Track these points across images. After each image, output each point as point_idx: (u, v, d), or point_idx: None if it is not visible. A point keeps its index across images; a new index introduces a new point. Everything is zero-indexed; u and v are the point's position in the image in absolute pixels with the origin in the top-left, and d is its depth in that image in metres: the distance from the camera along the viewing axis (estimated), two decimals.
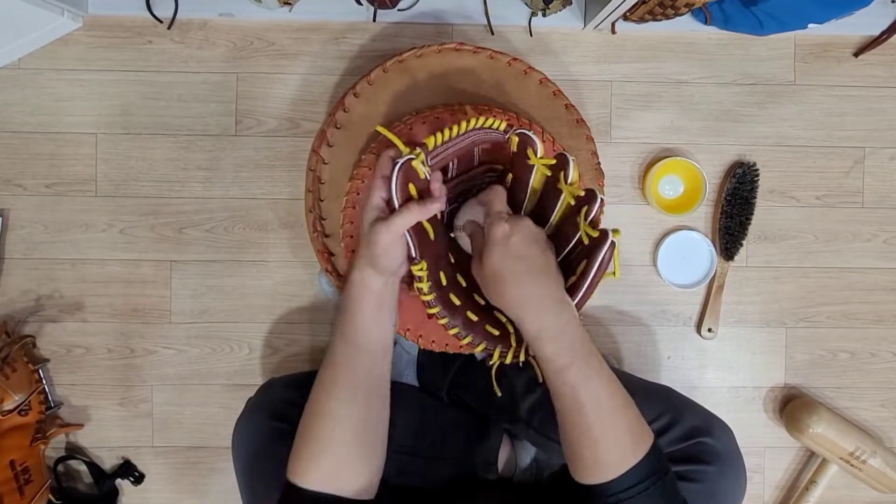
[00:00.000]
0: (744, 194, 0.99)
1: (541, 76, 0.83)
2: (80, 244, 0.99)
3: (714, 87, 1.03)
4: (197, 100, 0.99)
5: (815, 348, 1.05)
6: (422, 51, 0.80)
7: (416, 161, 0.58)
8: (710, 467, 0.73)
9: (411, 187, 0.60)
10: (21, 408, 0.93)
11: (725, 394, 1.05)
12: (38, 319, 1.00)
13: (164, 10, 0.96)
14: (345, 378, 0.63)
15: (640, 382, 0.85)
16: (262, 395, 0.83)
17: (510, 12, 0.98)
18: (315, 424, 0.63)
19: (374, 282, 0.62)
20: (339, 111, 0.80)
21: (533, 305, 0.60)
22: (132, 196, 1.00)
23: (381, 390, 0.65)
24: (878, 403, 1.05)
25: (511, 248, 0.61)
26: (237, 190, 1.00)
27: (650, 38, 1.02)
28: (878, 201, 1.04)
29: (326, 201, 0.80)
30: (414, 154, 0.58)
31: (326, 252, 0.82)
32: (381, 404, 0.65)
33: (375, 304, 0.63)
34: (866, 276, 1.04)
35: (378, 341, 0.64)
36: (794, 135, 1.03)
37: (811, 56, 1.03)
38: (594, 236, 0.59)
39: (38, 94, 0.98)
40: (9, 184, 0.99)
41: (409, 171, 0.59)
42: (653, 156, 1.02)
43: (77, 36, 0.98)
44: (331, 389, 0.63)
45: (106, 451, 1.01)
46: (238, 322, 1.01)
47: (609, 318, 1.03)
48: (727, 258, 1.01)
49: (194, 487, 1.02)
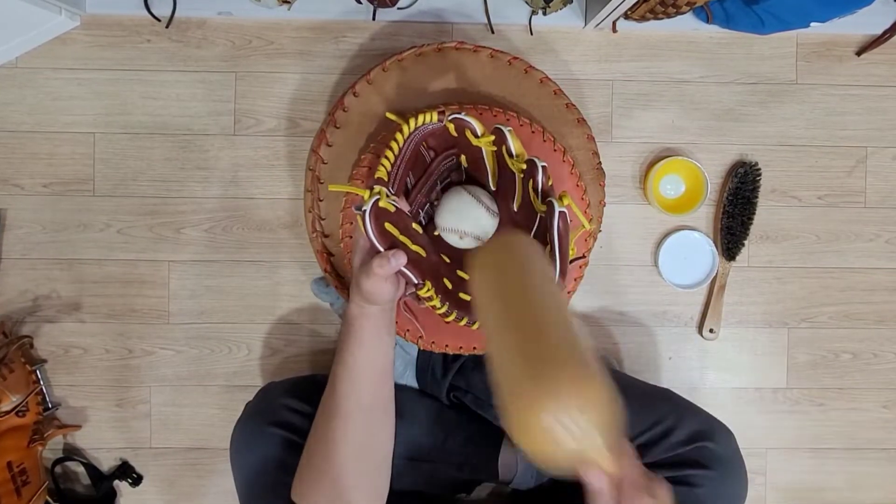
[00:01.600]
0: (745, 194, 0.99)
1: (541, 75, 0.82)
2: (77, 244, 0.99)
3: (716, 86, 1.02)
4: (195, 99, 0.99)
5: (817, 349, 1.04)
6: (422, 50, 0.80)
7: (381, 201, 0.57)
8: (712, 472, 0.73)
9: (388, 227, 0.59)
10: (18, 409, 0.92)
11: (727, 395, 1.04)
12: (35, 320, 0.99)
13: (163, 9, 0.96)
14: (345, 404, 0.64)
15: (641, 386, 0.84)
16: (261, 401, 0.82)
17: (510, 11, 0.98)
18: (316, 449, 0.64)
19: (371, 311, 0.63)
20: (339, 111, 0.79)
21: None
22: (130, 196, 0.99)
23: (382, 412, 0.66)
24: (881, 404, 1.05)
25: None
26: (236, 190, 1.00)
27: (651, 37, 1.01)
28: (880, 201, 1.03)
29: (326, 201, 0.80)
30: (376, 194, 0.57)
31: (325, 252, 0.82)
32: (382, 427, 0.66)
33: (374, 331, 0.63)
34: (868, 277, 1.04)
35: (378, 365, 0.65)
36: (796, 134, 1.03)
37: (813, 55, 1.02)
38: (542, 210, 0.56)
39: (36, 93, 0.98)
40: (6, 183, 0.98)
41: (378, 213, 0.57)
42: (654, 155, 1.02)
43: (75, 35, 0.98)
44: (331, 415, 0.64)
45: (104, 453, 1.01)
46: (236, 323, 1.01)
47: (609, 318, 1.03)
48: (729, 258, 1.01)
49: (192, 489, 1.01)
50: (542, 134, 0.76)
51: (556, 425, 0.37)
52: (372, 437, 0.65)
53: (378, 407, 0.65)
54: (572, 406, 0.37)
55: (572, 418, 0.37)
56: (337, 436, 0.63)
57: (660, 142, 1.02)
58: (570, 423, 0.37)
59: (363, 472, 0.64)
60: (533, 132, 0.76)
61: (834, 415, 1.04)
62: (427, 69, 0.80)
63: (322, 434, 0.65)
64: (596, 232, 0.84)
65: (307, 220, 0.84)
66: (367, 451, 0.64)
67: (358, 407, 0.63)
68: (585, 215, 0.78)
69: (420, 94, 0.80)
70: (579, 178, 0.78)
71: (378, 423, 0.65)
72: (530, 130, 0.76)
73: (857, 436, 1.05)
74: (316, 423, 0.66)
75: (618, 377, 0.90)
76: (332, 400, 0.65)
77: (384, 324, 0.64)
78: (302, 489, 0.63)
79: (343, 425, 0.63)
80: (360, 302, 0.62)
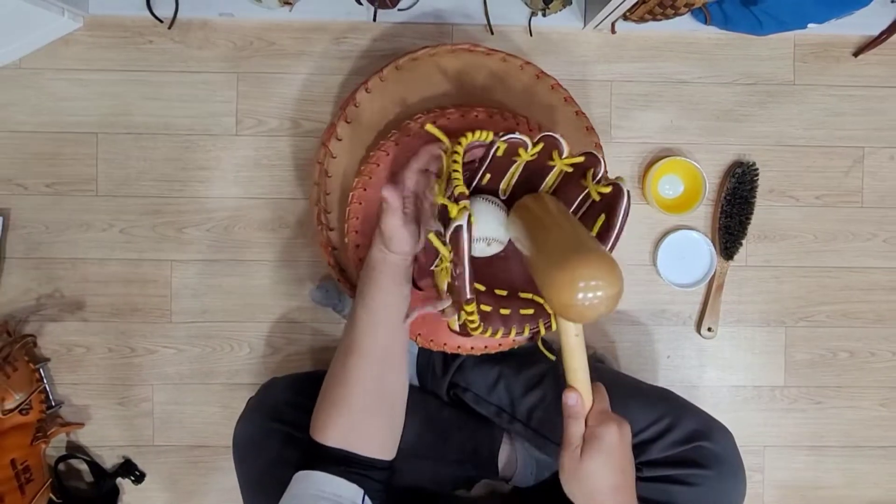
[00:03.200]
0: (743, 194, 0.99)
1: (553, 81, 0.83)
2: (80, 244, 1.00)
3: (714, 86, 1.03)
4: (197, 99, 0.99)
5: (814, 348, 1.05)
6: (435, 50, 0.80)
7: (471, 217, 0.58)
8: (709, 471, 0.73)
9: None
10: (22, 407, 0.93)
11: (725, 393, 1.05)
12: (38, 319, 1.00)
13: (165, 10, 0.96)
14: (363, 342, 0.67)
15: (639, 385, 0.85)
16: (263, 395, 0.83)
17: (510, 12, 0.98)
18: (333, 387, 0.67)
19: (391, 259, 0.67)
20: (350, 106, 0.80)
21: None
22: (133, 196, 1.00)
23: (396, 357, 0.68)
24: (878, 402, 1.05)
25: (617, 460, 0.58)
26: (238, 190, 1.00)
27: (650, 38, 1.02)
28: (877, 201, 1.04)
29: (332, 195, 0.80)
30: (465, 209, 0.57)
31: (330, 246, 0.82)
32: (396, 372, 0.68)
33: (393, 278, 0.67)
34: (866, 276, 1.04)
35: (394, 310, 0.68)
36: (794, 134, 1.03)
37: (811, 56, 1.03)
38: (606, 192, 0.61)
39: (39, 93, 0.99)
40: (10, 183, 0.99)
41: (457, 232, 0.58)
42: (653, 155, 1.02)
43: (77, 36, 0.98)
44: (347, 355, 0.67)
45: (107, 450, 1.01)
46: (238, 321, 1.01)
47: (608, 317, 1.03)
48: (727, 258, 1.02)
49: (195, 486, 1.02)
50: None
51: (587, 292, 0.49)
52: (385, 378, 0.67)
53: (393, 351, 0.68)
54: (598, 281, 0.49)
55: (597, 285, 0.49)
56: (353, 372, 0.66)
57: (658, 142, 1.02)
58: (595, 288, 0.49)
59: (377, 409, 0.66)
60: None
61: (831, 413, 1.05)
62: (439, 70, 0.81)
63: (339, 370, 0.67)
64: None
65: (313, 213, 0.84)
66: (382, 390, 0.67)
67: (375, 345, 0.66)
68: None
69: (431, 93, 0.80)
70: None
71: (392, 367, 0.68)
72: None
73: (855, 433, 1.05)
74: (334, 361, 0.68)
75: (616, 376, 0.91)
76: (350, 338, 0.67)
77: (402, 273, 0.68)
78: (318, 424, 0.65)
79: (359, 362, 0.66)
80: (381, 247, 0.67)
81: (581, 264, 0.50)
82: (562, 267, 0.50)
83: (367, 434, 0.65)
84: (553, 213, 0.61)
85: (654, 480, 0.74)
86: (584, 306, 0.49)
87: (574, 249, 0.52)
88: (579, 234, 0.56)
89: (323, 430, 0.64)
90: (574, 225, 0.58)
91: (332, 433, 0.64)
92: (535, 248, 0.58)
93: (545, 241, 0.57)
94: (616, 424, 0.57)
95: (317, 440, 0.64)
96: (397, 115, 0.79)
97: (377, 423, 0.66)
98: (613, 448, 0.57)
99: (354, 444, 0.64)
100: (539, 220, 0.61)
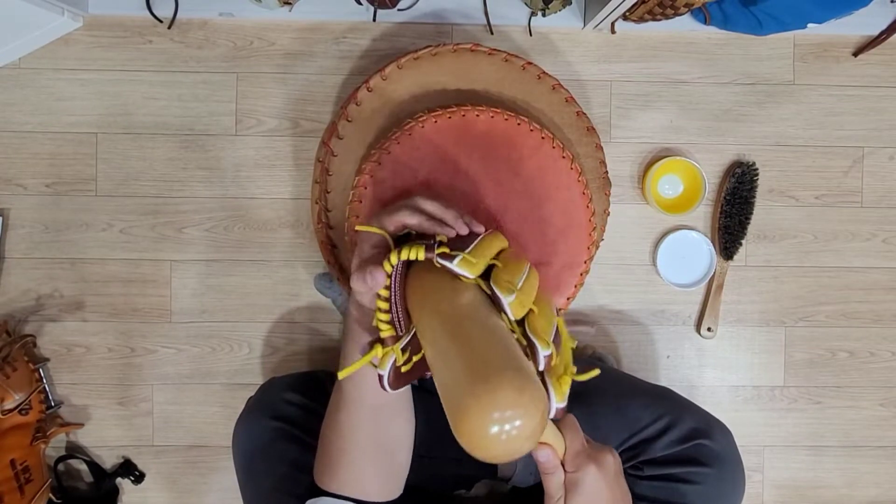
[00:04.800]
0: (743, 194, 1.00)
1: (554, 81, 0.83)
2: (80, 244, 1.00)
3: (713, 86, 1.03)
4: (197, 99, 0.99)
5: (814, 347, 1.05)
6: (437, 49, 0.80)
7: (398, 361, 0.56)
8: (709, 469, 0.73)
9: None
10: (21, 407, 0.93)
11: (725, 393, 1.05)
12: (38, 319, 1.00)
13: (165, 10, 0.96)
14: (349, 399, 0.64)
15: (639, 383, 0.85)
16: (263, 395, 0.83)
17: (510, 11, 0.98)
18: (328, 436, 0.66)
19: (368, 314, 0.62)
20: (352, 104, 0.80)
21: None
22: (132, 196, 1.00)
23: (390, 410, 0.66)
24: (878, 402, 1.05)
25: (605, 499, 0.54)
26: (237, 189, 1.00)
27: (650, 38, 1.02)
28: (877, 201, 1.04)
29: (333, 193, 0.80)
30: (391, 355, 0.55)
31: (329, 244, 0.82)
32: (392, 422, 0.66)
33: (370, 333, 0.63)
34: (865, 276, 1.05)
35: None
36: (794, 134, 1.03)
37: (810, 56, 1.03)
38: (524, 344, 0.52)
39: (39, 93, 0.99)
40: (9, 183, 0.99)
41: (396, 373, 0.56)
42: (652, 155, 1.02)
43: (77, 35, 0.98)
44: (339, 409, 0.65)
45: (106, 451, 1.01)
46: (238, 321, 1.01)
47: (608, 317, 1.04)
48: (726, 258, 1.02)
49: (194, 486, 1.02)
50: (552, 141, 0.77)
51: (500, 432, 0.41)
52: (381, 428, 0.65)
53: (386, 406, 0.65)
54: (513, 413, 0.41)
55: (513, 423, 0.41)
56: (345, 424, 0.65)
57: (658, 142, 1.02)
58: (512, 427, 0.41)
59: (374, 458, 0.65)
60: (543, 139, 0.76)
61: (831, 412, 1.05)
62: (441, 69, 0.81)
63: (333, 423, 0.66)
64: (599, 240, 0.84)
65: (313, 210, 0.84)
66: (378, 440, 0.65)
67: (362, 405, 0.64)
68: (590, 224, 0.78)
69: (433, 92, 0.80)
70: (585, 187, 0.78)
71: (390, 416, 0.66)
72: (540, 137, 0.76)
73: (854, 433, 1.05)
74: (328, 411, 0.68)
75: (616, 376, 0.91)
76: (339, 394, 0.66)
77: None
78: (317, 469, 0.66)
79: (350, 417, 0.64)
80: (356, 304, 0.62)
81: (499, 387, 0.41)
82: (472, 391, 0.42)
83: (366, 482, 0.65)
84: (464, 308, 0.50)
85: (655, 479, 0.74)
86: (499, 441, 0.41)
87: (490, 367, 0.43)
88: (496, 345, 0.46)
89: (320, 478, 0.65)
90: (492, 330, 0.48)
91: (331, 482, 0.64)
92: (441, 361, 0.48)
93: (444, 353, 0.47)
94: (594, 464, 0.53)
95: (320, 486, 0.65)
96: (399, 114, 0.80)
97: (375, 472, 0.65)
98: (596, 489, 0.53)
99: (353, 491, 0.64)
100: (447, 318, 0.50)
